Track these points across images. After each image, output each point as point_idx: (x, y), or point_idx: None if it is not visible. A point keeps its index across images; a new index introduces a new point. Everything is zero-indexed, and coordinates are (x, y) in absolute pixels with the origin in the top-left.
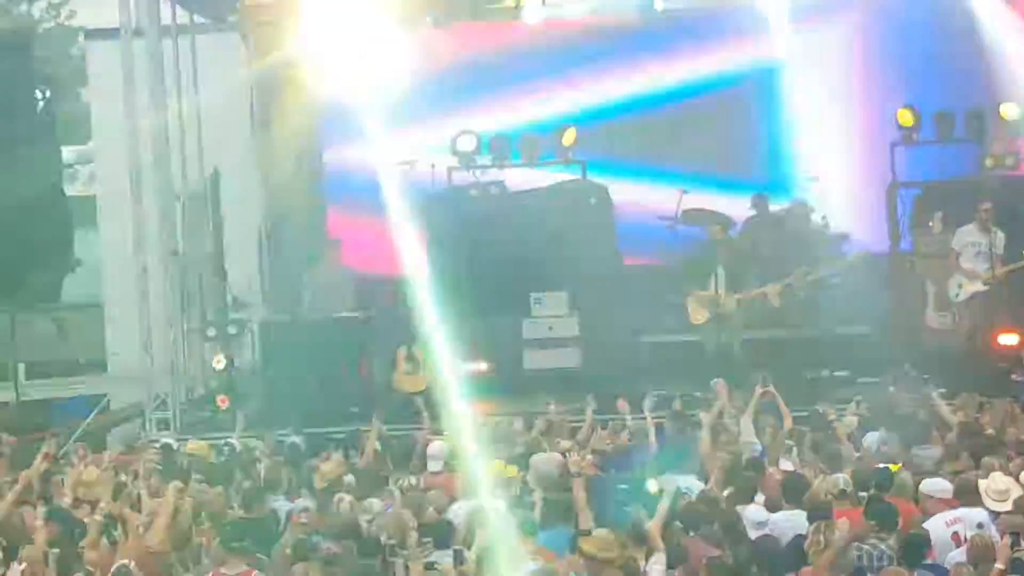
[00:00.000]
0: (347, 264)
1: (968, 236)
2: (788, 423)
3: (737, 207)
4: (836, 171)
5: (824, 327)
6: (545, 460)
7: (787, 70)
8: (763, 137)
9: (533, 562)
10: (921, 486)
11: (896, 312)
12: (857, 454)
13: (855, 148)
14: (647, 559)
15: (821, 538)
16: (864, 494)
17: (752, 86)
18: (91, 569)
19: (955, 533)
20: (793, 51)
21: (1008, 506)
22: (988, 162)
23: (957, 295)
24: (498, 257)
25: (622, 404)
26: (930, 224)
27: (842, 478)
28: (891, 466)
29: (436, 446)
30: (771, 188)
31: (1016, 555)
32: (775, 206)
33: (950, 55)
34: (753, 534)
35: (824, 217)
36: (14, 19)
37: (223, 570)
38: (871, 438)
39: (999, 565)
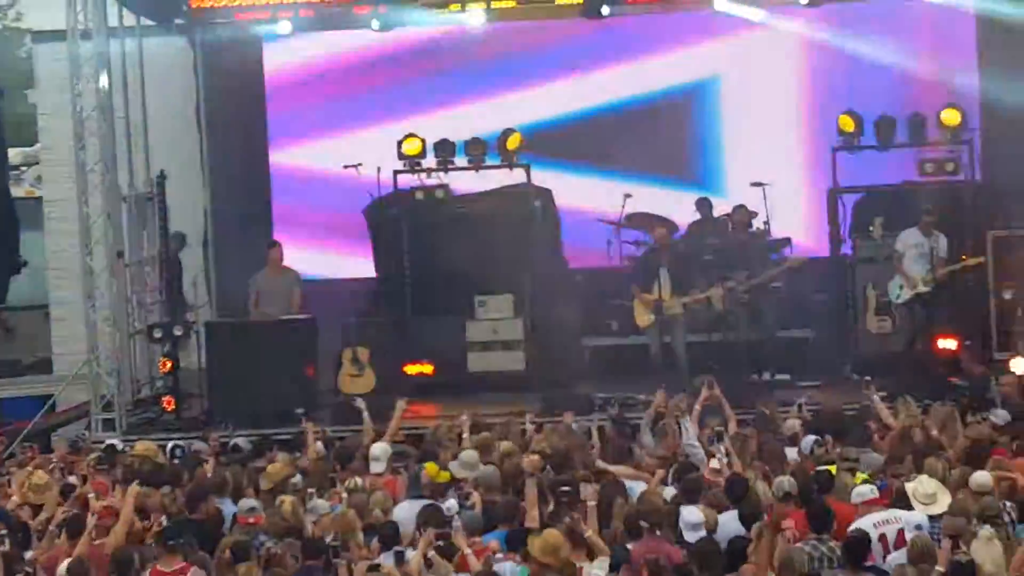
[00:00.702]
0: (292, 267)
1: (910, 239)
2: (732, 425)
3: (681, 211)
4: (778, 176)
5: (766, 331)
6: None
7: (730, 77)
8: (707, 142)
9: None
10: (853, 494)
11: (836, 316)
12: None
13: (797, 153)
14: (591, 561)
15: (764, 540)
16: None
17: (697, 93)
18: (29, 571)
19: (882, 535)
20: (737, 59)
21: (935, 510)
22: (928, 167)
23: (898, 297)
24: (442, 259)
25: (568, 416)
26: (871, 229)
27: (786, 480)
28: (830, 468)
29: (378, 448)
30: (714, 192)
31: (956, 558)
32: (718, 210)
33: (892, 62)
34: (692, 536)
35: (766, 222)
36: None
37: (159, 566)
38: (808, 441)
39: (939, 568)
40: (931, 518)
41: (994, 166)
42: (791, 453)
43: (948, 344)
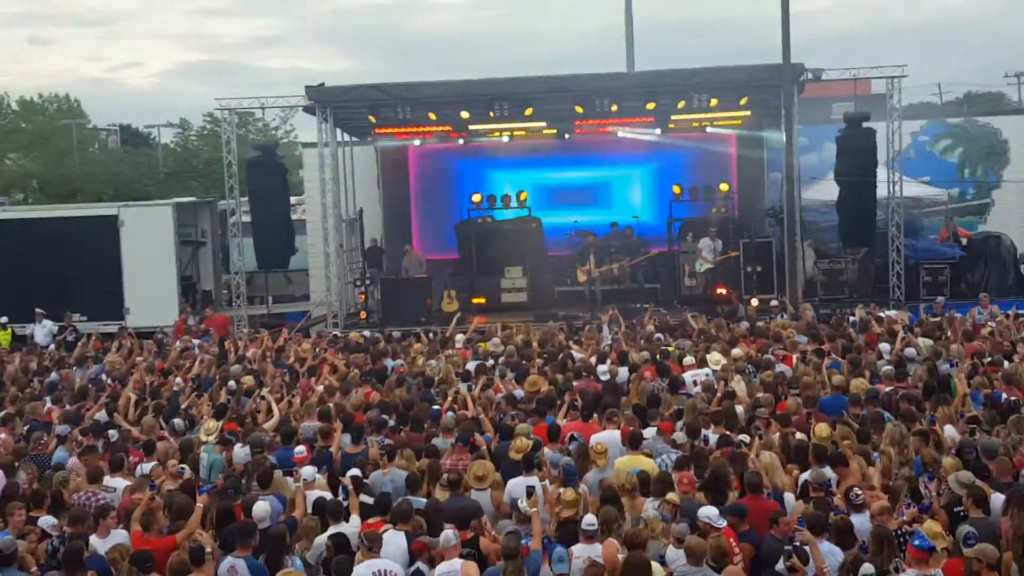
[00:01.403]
0: (419, 253)
1: (706, 242)
2: (623, 328)
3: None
4: (647, 212)
5: (639, 284)
6: (497, 343)
7: (632, 166)
8: (618, 197)
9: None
10: (684, 359)
11: (670, 278)
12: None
13: (655, 202)
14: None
15: (638, 380)
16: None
17: (616, 176)
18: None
19: (695, 380)
20: (633, 158)
21: (717, 367)
22: (713, 209)
23: (700, 268)
24: (490, 251)
25: (552, 324)
26: (687, 237)
27: (646, 353)
28: (669, 348)
29: (459, 336)
30: (618, 218)
31: (727, 389)
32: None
33: (698, 161)
34: (604, 378)
35: (640, 234)
36: (267, 136)
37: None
38: (657, 336)
39: (719, 395)
40: (714, 371)
41: (744, 208)
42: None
43: (722, 292)
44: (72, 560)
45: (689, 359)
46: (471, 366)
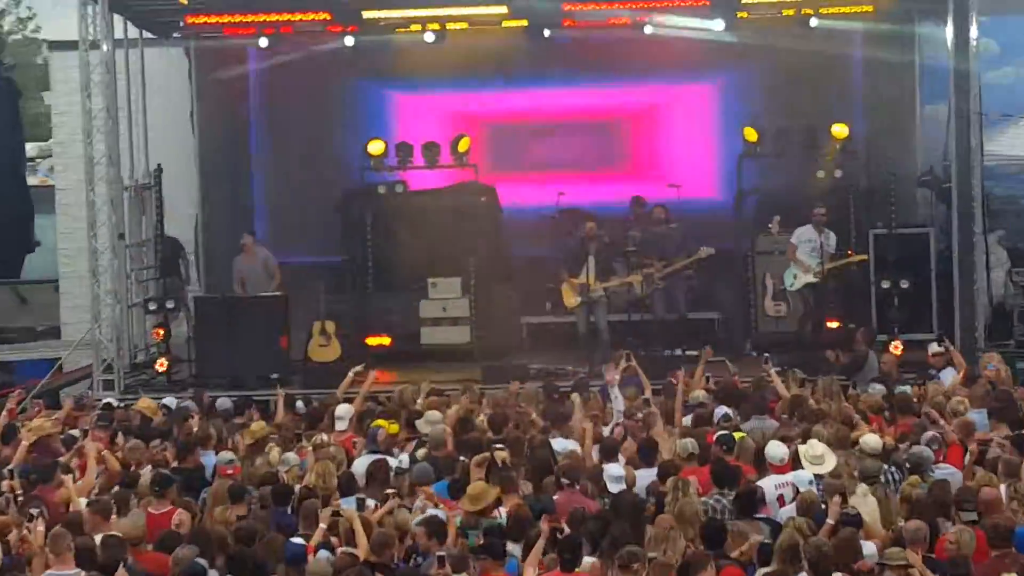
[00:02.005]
0: (266, 250)
1: (804, 235)
2: (648, 393)
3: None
4: (695, 178)
5: (678, 312)
6: (434, 421)
7: (655, 95)
8: (636, 149)
9: (430, 507)
10: (766, 451)
11: (739, 300)
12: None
13: (709, 160)
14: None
15: (677, 493)
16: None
17: (629, 108)
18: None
19: (780, 496)
20: (662, 78)
21: (823, 469)
22: (820, 173)
23: (792, 285)
24: (399, 246)
25: (514, 385)
26: (770, 226)
27: (689, 442)
28: (735, 434)
29: (342, 408)
30: (646, 191)
31: (845, 511)
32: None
33: (791, 82)
34: (614, 488)
35: (680, 219)
36: None
37: (150, 509)
38: (718, 411)
39: (831, 520)
40: (818, 476)
41: (876, 173)
42: (688, 420)
43: (833, 326)
44: None
45: (774, 452)
46: (362, 464)
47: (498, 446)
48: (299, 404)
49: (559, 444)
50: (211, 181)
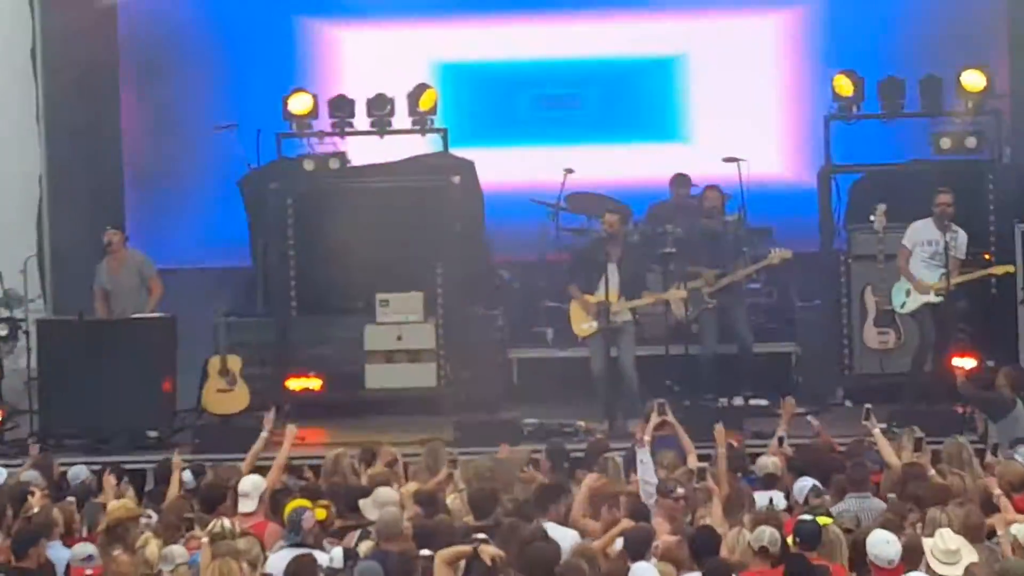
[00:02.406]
0: (142, 252)
1: (922, 233)
2: (692, 460)
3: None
4: (757, 152)
5: (739, 343)
6: (385, 501)
7: (703, 31)
8: (674, 109)
9: None
10: (868, 545)
11: (827, 327)
12: (785, 503)
13: (781, 124)
14: None
15: None
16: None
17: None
18: None
19: None
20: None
21: (958, 570)
22: (944, 143)
23: (904, 305)
24: (336, 246)
25: (504, 449)
26: (872, 219)
27: (767, 532)
28: (820, 519)
29: (249, 482)
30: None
31: None
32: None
33: (904, 11)
34: None
35: (742, 207)
36: None
37: None
38: (802, 485)
39: None
40: None
41: None
42: (762, 499)
43: (964, 364)
44: None
45: (881, 547)
46: (279, 562)
47: (481, 535)
48: (187, 475)
49: (557, 532)
50: (59, 149)
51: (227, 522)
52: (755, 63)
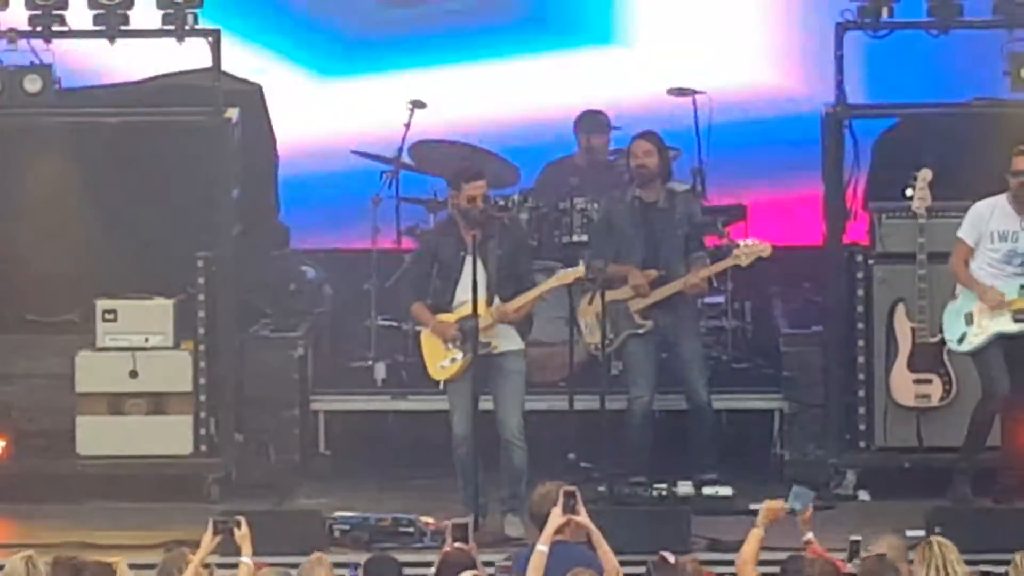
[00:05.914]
0: None
1: (993, 221)
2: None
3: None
4: (725, 81)
5: (689, 392)
6: None
7: None
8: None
9: None
10: None
11: (832, 368)
12: None
13: (770, 33)
14: None
15: None
16: None
17: None
18: None
19: None
20: None
21: None
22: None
23: (963, 339)
24: (30, 223)
25: (314, 557)
26: (909, 193)
27: None
28: None
29: None
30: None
31: None
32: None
33: None
34: None
35: (698, 171)
36: None
37: None
38: None
39: None
40: None
41: None
42: None
43: None
44: None
45: None
46: None
47: None
48: None
49: None
50: None
51: None
52: None
